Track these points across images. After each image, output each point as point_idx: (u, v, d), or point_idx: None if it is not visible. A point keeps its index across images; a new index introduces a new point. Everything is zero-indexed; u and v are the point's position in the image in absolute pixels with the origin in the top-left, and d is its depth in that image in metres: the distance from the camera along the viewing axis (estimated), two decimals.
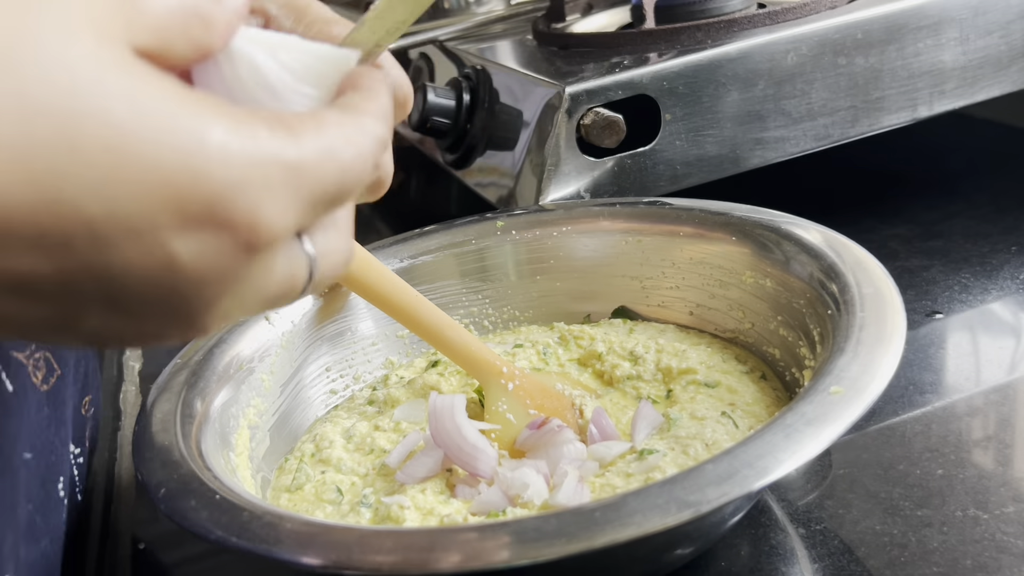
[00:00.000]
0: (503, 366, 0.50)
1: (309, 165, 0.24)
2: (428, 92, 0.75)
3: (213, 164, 0.22)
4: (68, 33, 0.21)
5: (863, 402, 0.36)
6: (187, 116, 0.22)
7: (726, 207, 0.56)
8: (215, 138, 0.22)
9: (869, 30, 0.65)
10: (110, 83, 0.21)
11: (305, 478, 0.48)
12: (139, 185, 0.21)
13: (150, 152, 0.21)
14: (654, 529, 0.32)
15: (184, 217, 0.22)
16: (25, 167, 0.20)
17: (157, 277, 0.23)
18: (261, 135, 0.23)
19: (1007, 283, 0.61)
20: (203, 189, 0.22)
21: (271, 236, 0.24)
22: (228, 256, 0.23)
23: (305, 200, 0.25)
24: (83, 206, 0.21)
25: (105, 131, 0.21)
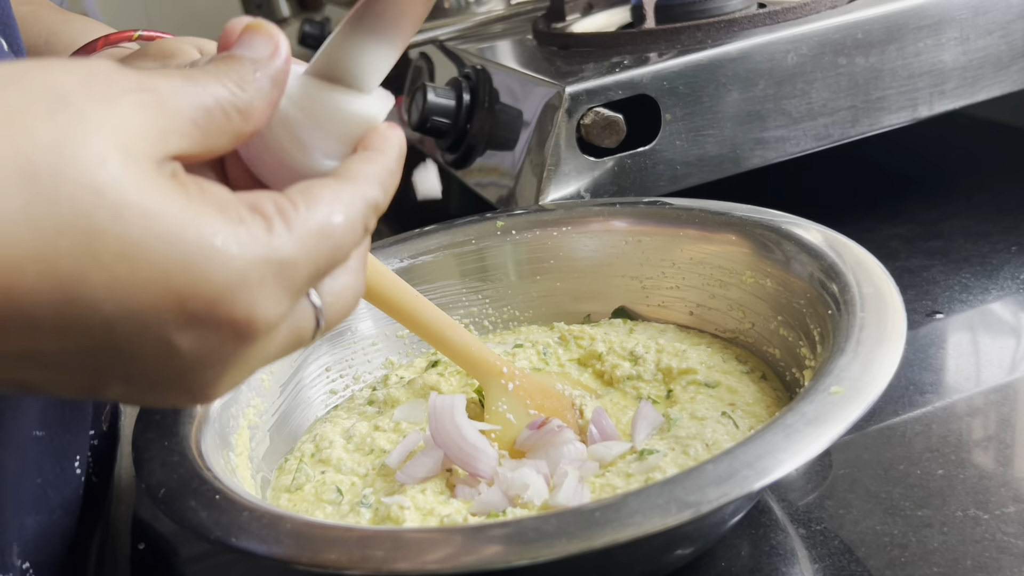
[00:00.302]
0: (503, 366, 0.50)
1: (302, 257, 0.27)
2: (428, 92, 0.74)
3: (213, 269, 0.25)
4: (96, 160, 0.24)
5: (863, 402, 0.36)
6: (192, 227, 0.25)
7: (726, 207, 0.56)
8: (215, 245, 0.25)
9: (869, 30, 0.65)
10: (129, 202, 0.24)
11: (305, 478, 0.48)
12: (148, 289, 0.25)
13: (158, 261, 0.25)
14: (654, 529, 0.31)
15: (186, 317, 0.25)
16: (52, 273, 0.24)
17: (163, 362, 0.26)
18: (257, 236, 0.26)
19: (1007, 283, 0.61)
20: (203, 292, 0.25)
21: (267, 326, 0.27)
22: (228, 345, 0.27)
23: (300, 285, 0.28)
24: (99, 306, 0.24)
25: (121, 244, 0.24)
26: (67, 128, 0.24)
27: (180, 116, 0.27)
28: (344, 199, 0.29)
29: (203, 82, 0.28)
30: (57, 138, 0.24)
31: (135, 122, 0.25)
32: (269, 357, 0.29)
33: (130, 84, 0.26)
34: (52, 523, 0.42)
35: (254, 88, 0.29)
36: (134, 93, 0.26)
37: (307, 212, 0.28)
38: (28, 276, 0.23)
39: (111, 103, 0.25)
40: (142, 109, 0.26)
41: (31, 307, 0.24)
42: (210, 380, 0.27)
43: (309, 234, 0.27)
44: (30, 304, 0.24)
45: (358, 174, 0.30)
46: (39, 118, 0.24)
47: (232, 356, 0.27)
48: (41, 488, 0.41)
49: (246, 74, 0.29)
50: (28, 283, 0.23)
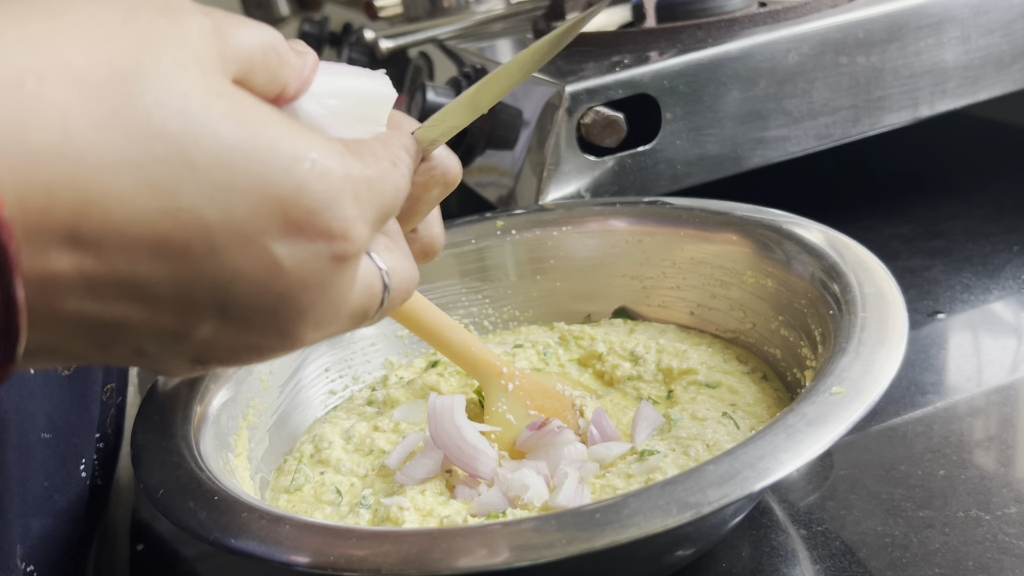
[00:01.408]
0: (503, 366, 0.50)
1: (378, 182, 0.28)
2: (428, 91, 0.74)
3: (312, 179, 0.25)
4: (177, 66, 0.24)
5: (865, 403, 0.36)
6: (288, 138, 0.25)
7: (727, 207, 0.56)
8: (312, 156, 0.26)
9: (870, 29, 0.65)
10: (218, 107, 0.24)
11: (304, 479, 0.48)
12: (250, 195, 0.24)
13: (257, 167, 0.24)
14: (655, 530, 0.31)
15: (288, 225, 0.25)
16: (148, 182, 0.23)
17: (263, 282, 0.25)
18: (346, 157, 0.27)
19: (1009, 283, 0.61)
20: (305, 200, 0.25)
21: (359, 245, 0.27)
22: (324, 262, 0.26)
23: (376, 213, 0.28)
24: (201, 213, 0.24)
25: (217, 147, 0.24)
26: (142, 37, 0.24)
27: (232, 44, 0.26)
28: (391, 151, 0.30)
29: (251, 25, 0.28)
30: (135, 45, 0.24)
31: (199, 38, 0.25)
32: (350, 305, 0.29)
33: (192, 7, 0.26)
34: (56, 526, 0.42)
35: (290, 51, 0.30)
36: (194, 14, 0.26)
37: (374, 155, 0.29)
38: (124, 184, 0.22)
39: (176, 18, 0.25)
40: (201, 29, 0.26)
41: (129, 220, 0.23)
42: (305, 312, 0.27)
43: (380, 169, 0.28)
44: (128, 216, 0.23)
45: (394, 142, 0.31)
46: (114, 27, 0.24)
47: (328, 281, 0.27)
48: (47, 491, 0.41)
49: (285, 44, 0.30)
50: (125, 193, 0.22)
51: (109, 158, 0.22)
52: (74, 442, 0.44)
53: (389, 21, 1.13)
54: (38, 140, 0.21)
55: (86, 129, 0.22)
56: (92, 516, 0.47)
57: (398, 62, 1.00)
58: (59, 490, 0.42)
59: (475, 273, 0.61)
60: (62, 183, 0.22)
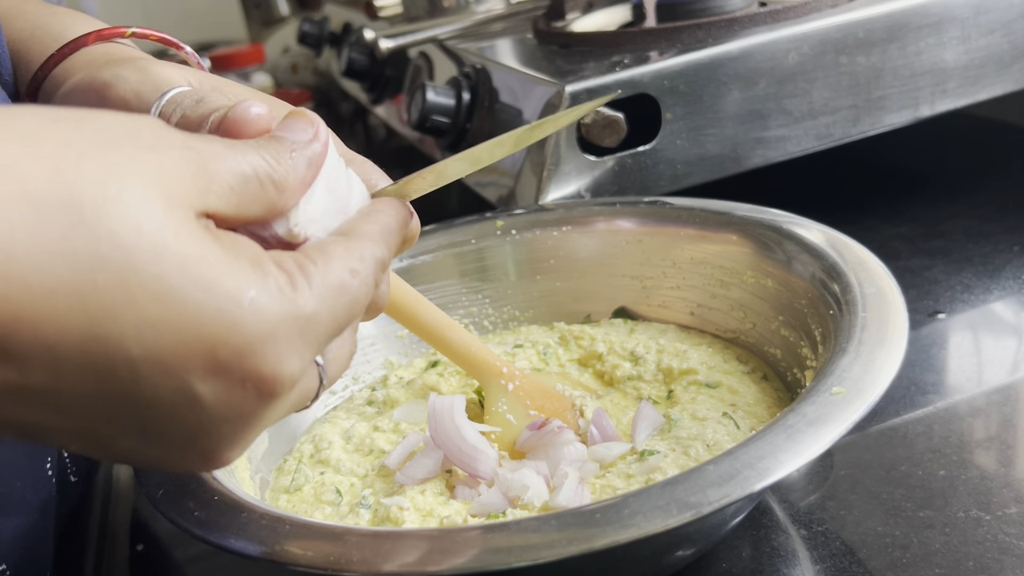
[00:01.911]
0: (503, 367, 0.50)
1: (324, 313, 0.28)
2: (427, 91, 0.74)
3: (246, 320, 0.26)
4: (141, 200, 0.25)
5: (865, 403, 0.36)
6: (230, 278, 0.26)
7: (727, 207, 0.56)
8: (249, 296, 0.26)
9: (871, 29, 0.65)
10: (170, 245, 0.25)
11: (304, 479, 0.48)
12: (180, 332, 0.25)
13: (192, 306, 0.25)
14: (655, 530, 0.31)
15: (214, 365, 0.25)
16: (85, 307, 0.23)
17: (182, 414, 0.26)
18: (284, 291, 0.27)
19: (1009, 283, 0.61)
20: (233, 341, 0.25)
21: (290, 382, 0.27)
22: (250, 402, 0.27)
23: (321, 341, 0.28)
24: (127, 345, 0.24)
25: (157, 285, 0.24)
26: (115, 167, 0.25)
27: (219, 177, 0.27)
28: (355, 255, 0.30)
29: (242, 151, 0.29)
30: (104, 175, 0.24)
31: (178, 174, 0.26)
32: (275, 419, 0.29)
33: (176, 140, 0.27)
34: (29, 525, 0.42)
35: (289, 165, 0.30)
36: (179, 149, 0.27)
37: (325, 268, 0.28)
38: (59, 308, 0.23)
39: (157, 152, 0.26)
40: (185, 164, 0.26)
41: (58, 340, 0.23)
42: (225, 439, 0.27)
43: (329, 290, 0.28)
44: (57, 336, 0.23)
45: (363, 233, 0.31)
46: (88, 154, 0.24)
47: (251, 414, 0.27)
48: (20, 491, 0.41)
49: (283, 152, 0.30)
50: (58, 314, 0.23)
51: (49, 282, 0.23)
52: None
53: (389, 21, 1.13)
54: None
55: (31, 251, 0.23)
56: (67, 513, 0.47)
57: (398, 62, 1.00)
58: (31, 490, 0.42)
59: (475, 273, 0.61)
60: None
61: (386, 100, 1.06)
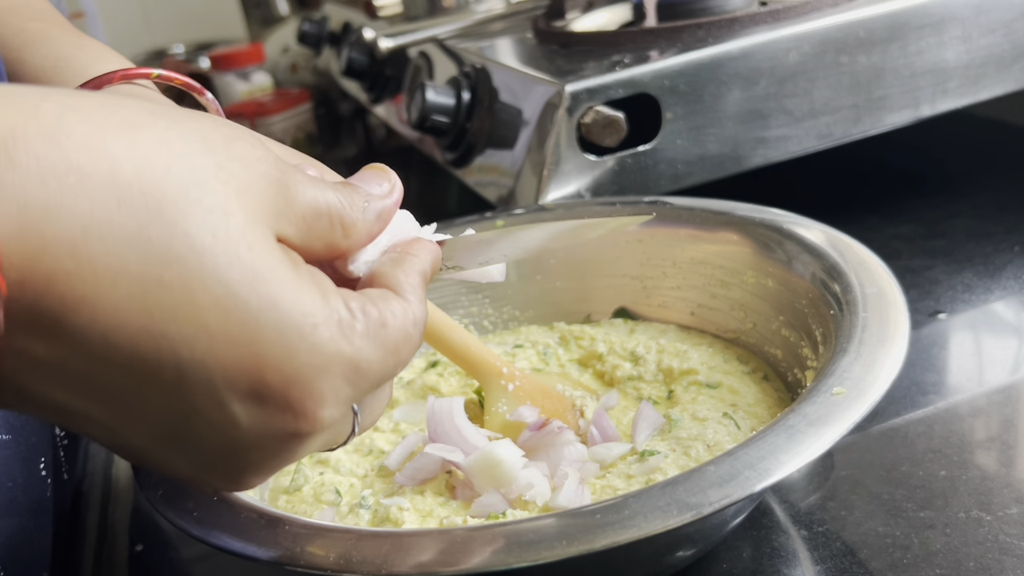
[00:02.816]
0: (503, 367, 0.50)
1: (376, 365, 0.28)
2: (427, 90, 0.74)
3: (303, 349, 0.25)
4: (221, 209, 0.25)
5: (866, 403, 0.36)
6: (295, 302, 0.25)
7: (728, 206, 0.55)
8: (313, 325, 0.26)
9: (871, 28, 0.65)
10: (242, 257, 0.25)
11: (303, 479, 0.47)
12: (232, 346, 0.24)
13: (252, 322, 0.25)
14: (655, 531, 0.31)
15: (258, 388, 0.25)
16: (145, 300, 0.23)
17: (217, 430, 0.25)
18: (347, 332, 0.27)
19: (1010, 283, 0.61)
20: (285, 368, 0.25)
21: (328, 423, 0.27)
22: (285, 433, 0.26)
23: (364, 391, 0.28)
24: (179, 348, 0.24)
25: (222, 293, 0.24)
26: (202, 171, 0.25)
27: (295, 204, 0.27)
28: (410, 317, 0.30)
29: (321, 186, 0.29)
30: (191, 177, 0.24)
31: (262, 191, 0.26)
32: (301, 456, 0.29)
33: (267, 156, 0.27)
34: (22, 526, 0.42)
35: (360, 213, 0.30)
36: (267, 165, 0.27)
37: (385, 323, 0.28)
38: (121, 295, 0.23)
39: (246, 165, 0.26)
40: (269, 183, 0.27)
41: (113, 328, 0.23)
42: (253, 465, 0.27)
43: (384, 346, 0.28)
44: (114, 324, 0.23)
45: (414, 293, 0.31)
46: (181, 156, 0.25)
47: (283, 446, 0.27)
48: (11, 492, 0.41)
49: (357, 199, 0.30)
50: (119, 301, 0.23)
51: (117, 267, 0.23)
52: (32, 441, 0.44)
53: (389, 20, 1.13)
54: (56, 232, 0.22)
55: (105, 236, 0.23)
56: (62, 513, 0.47)
57: (398, 61, 1.00)
58: (22, 490, 0.42)
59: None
60: (62, 276, 0.22)
61: (386, 100, 1.06)
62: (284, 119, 1.21)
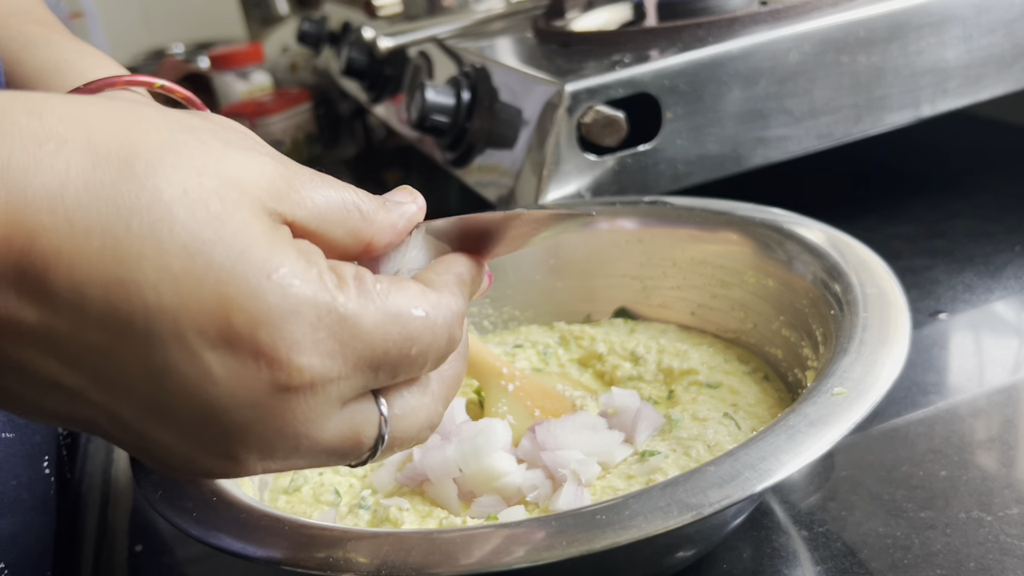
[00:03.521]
0: (503, 367, 0.50)
1: (367, 324, 0.26)
2: (427, 90, 0.74)
3: (269, 290, 0.25)
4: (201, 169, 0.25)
5: (866, 403, 0.36)
6: (262, 250, 0.25)
7: (728, 206, 0.55)
8: (281, 270, 0.25)
9: (872, 28, 0.65)
10: (212, 206, 0.25)
11: (303, 480, 0.47)
12: (196, 287, 0.24)
13: (217, 265, 0.24)
14: (655, 531, 0.31)
15: (227, 330, 0.24)
16: (116, 248, 0.24)
17: (193, 385, 0.25)
18: (326, 284, 0.26)
19: (1011, 283, 0.61)
20: (251, 306, 0.24)
21: (307, 379, 0.25)
22: (262, 385, 0.25)
23: (358, 358, 0.26)
24: (146, 293, 0.24)
25: (188, 238, 0.24)
26: (183, 144, 0.25)
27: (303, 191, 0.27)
28: (431, 300, 0.28)
29: (333, 183, 0.29)
30: (169, 145, 0.25)
31: (254, 171, 0.26)
32: (316, 442, 0.27)
33: (265, 149, 0.27)
34: (25, 523, 0.42)
35: (380, 206, 0.30)
36: (264, 156, 0.27)
37: (389, 294, 0.27)
38: (94, 247, 0.23)
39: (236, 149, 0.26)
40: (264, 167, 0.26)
41: (88, 280, 0.24)
42: (242, 432, 0.25)
43: (383, 311, 0.27)
44: (88, 276, 0.23)
45: (440, 282, 0.30)
46: (160, 128, 0.25)
47: (265, 403, 0.25)
48: (16, 490, 0.41)
49: (376, 199, 0.30)
50: (92, 253, 0.23)
51: (90, 221, 0.23)
52: (36, 440, 0.44)
53: (388, 20, 1.13)
54: (35, 190, 0.23)
55: (79, 191, 0.23)
56: (64, 511, 0.47)
57: (397, 61, 1.00)
58: (27, 488, 0.42)
59: None
60: (41, 232, 0.23)
61: (385, 99, 1.05)
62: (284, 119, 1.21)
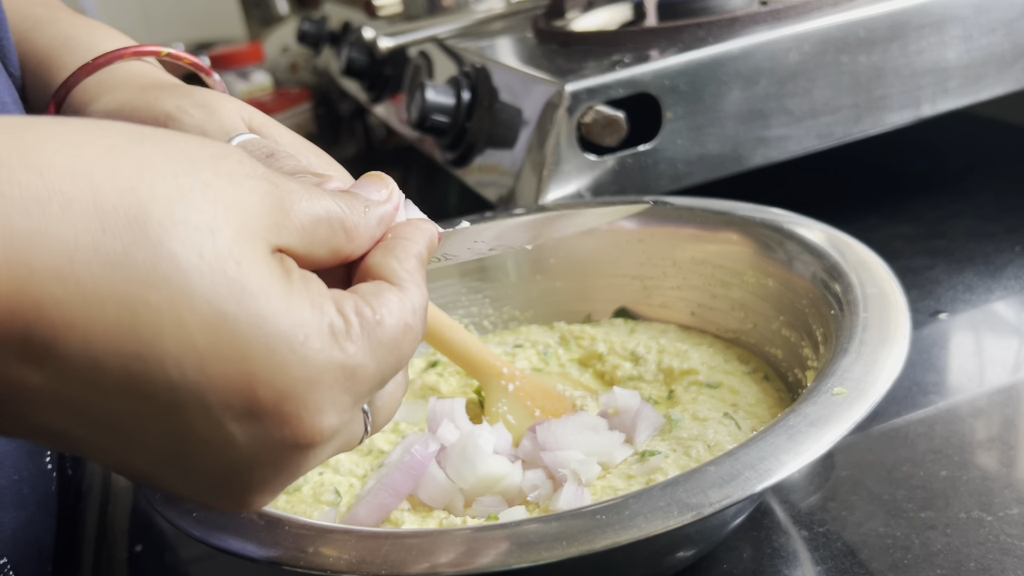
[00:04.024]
0: (503, 367, 0.50)
1: (372, 367, 0.27)
2: (427, 90, 0.74)
3: (293, 363, 0.25)
4: (209, 226, 0.24)
5: (866, 403, 0.36)
6: (284, 317, 0.25)
7: (728, 206, 0.55)
8: (301, 340, 0.25)
9: (872, 28, 0.65)
10: (230, 272, 0.24)
11: (303, 480, 0.47)
12: (222, 364, 0.24)
13: (241, 340, 0.24)
14: (656, 532, 0.31)
15: (252, 406, 0.25)
16: (134, 322, 0.23)
17: (215, 450, 0.25)
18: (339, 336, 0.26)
19: (1011, 283, 0.61)
20: (277, 383, 0.25)
21: (329, 434, 0.27)
22: (285, 447, 0.26)
23: (364, 393, 0.28)
24: (169, 369, 0.24)
25: (209, 312, 0.24)
26: (189, 191, 0.25)
27: (292, 215, 0.27)
28: (408, 307, 0.29)
29: (319, 194, 0.29)
30: (176, 197, 0.24)
31: (254, 205, 0.26)
32: (313, 467, 0.28)
33: (257, 171, 0.27)
34: (28, 519, 0.42)
35: (361, 217, 0.30)
36: (259, 180, 0.27)
37: (382, 322, 0.28)
38: (110, 319, 0.23)
39: (235, 182, 0.26)
40: (262, 196, 0.26)
41: (104, 352, 0.23)
42: (258, 484, 0.27)
43: (381, 345, 0.28)
44: (102, 349, 0.23)
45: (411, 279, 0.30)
46: (164, 175, 0.25)
47: (285, 462, 0.26)
48: (17, 485, 0.41)
49: (357, 206, 0.30)
50: (108, 325, 0.23)
51: (104, 292, 0.23)
52: None
53: (388, 20, 1.13)
54: (43, 261, 0.22)
55: (91, 261, 0.23)
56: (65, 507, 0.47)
57: (397, 61, 1.00)
58: (28, 484, 0.42)
59: (475, 273, 0.61)
60: (51, 303, 0.23)
61: (385, 99, 1.05)
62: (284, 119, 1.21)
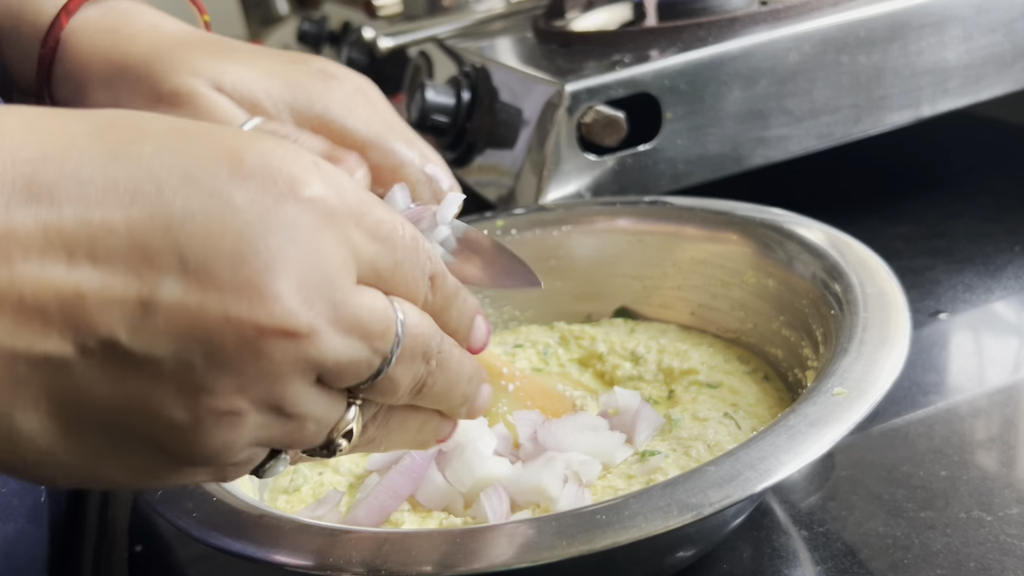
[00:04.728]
0: (503, 367, 0.50)
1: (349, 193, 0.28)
2: (427, 90, 0.74)
3: (267, 139, 0.27)
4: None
5: (866, 403, 0.36)
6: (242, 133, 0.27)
7: (728, 206, 0.55)
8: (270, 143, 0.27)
9: (872, 28, 0.65)
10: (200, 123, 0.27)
11: (303, 480, 0.47)
12: (198, 145, 0.26)
13: (206, 133, 0.26)
14: (656, 531, 0.31)
15: (240, 166, 0.26)
16: (103, 140, 0.25)
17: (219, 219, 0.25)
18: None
19: (1011, 283, 0.61)
20: (258, 147, 0.26)
21: (323, 191, 0.27)
22: (286, 199, 0.26)
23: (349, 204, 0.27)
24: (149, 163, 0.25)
25: (172, 122, 0.27)
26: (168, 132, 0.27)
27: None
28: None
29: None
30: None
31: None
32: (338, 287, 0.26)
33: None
34: (17, 531, 0.41)
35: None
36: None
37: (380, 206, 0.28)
38: (79, 144, 0.25)
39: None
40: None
41: (79, 165, 0.25)
42: (277, 258, 0.25)
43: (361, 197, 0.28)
44: (79, 162, 0.25)
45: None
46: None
47: (294, 219, 0.25)
48: (6, 497, 0.41)
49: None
50: (79, 148, 0.25)
51: (71, 128, 0.25)
52: None
53: (388, 20, 1.13)
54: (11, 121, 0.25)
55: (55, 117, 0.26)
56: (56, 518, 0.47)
57: (397, 61, 1.00)
58: (17, 495, 0.42)
59: None
60: (23, 141, 0.24)
61: None
62: None
